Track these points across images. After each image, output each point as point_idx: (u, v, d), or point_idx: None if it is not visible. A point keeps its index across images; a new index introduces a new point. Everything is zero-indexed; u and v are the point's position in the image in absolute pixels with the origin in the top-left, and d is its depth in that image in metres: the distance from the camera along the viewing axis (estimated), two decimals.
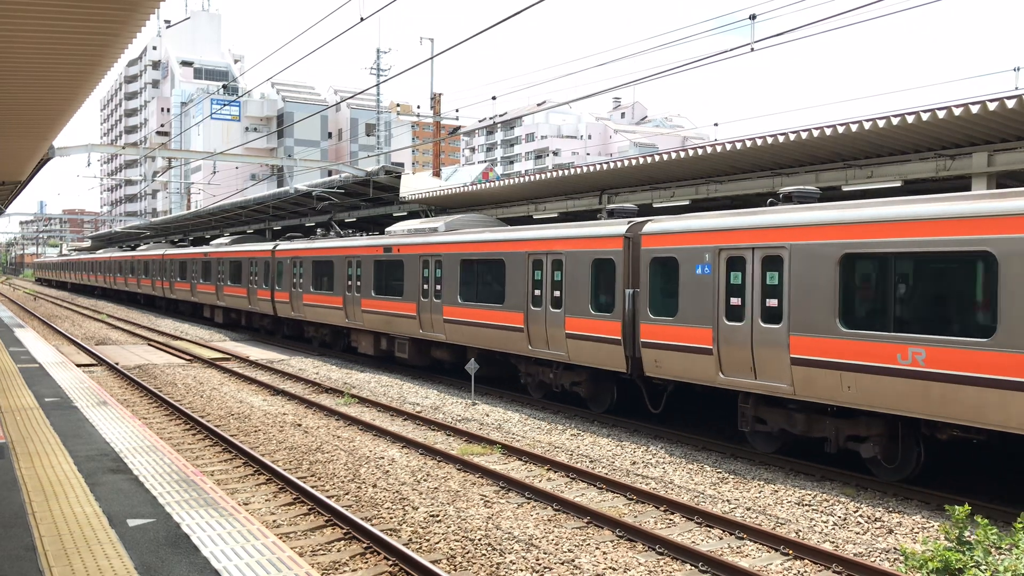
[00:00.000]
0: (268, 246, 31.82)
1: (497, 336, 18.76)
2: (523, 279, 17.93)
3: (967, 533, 8.41)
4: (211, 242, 42.05)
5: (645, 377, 15.22)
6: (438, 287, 21.03)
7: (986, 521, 8.40)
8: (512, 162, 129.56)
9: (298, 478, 12.18)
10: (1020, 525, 8.36)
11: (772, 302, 12.82)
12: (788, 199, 13.70)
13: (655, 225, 15.09)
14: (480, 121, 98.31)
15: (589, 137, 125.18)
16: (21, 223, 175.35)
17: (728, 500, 11.45)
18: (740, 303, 13.29)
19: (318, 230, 32.50)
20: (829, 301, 11.93)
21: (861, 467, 12.70)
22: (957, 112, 12.82)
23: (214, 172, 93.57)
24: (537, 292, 17.60)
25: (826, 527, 10.31)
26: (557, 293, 17.03)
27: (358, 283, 24.87)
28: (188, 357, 27.03)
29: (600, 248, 16.06)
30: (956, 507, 8.30)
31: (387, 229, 24.47)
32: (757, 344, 12.95)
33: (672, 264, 14.50)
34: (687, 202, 19.56)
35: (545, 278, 17.38)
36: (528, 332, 17.75)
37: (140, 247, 59.45)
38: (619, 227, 15.81)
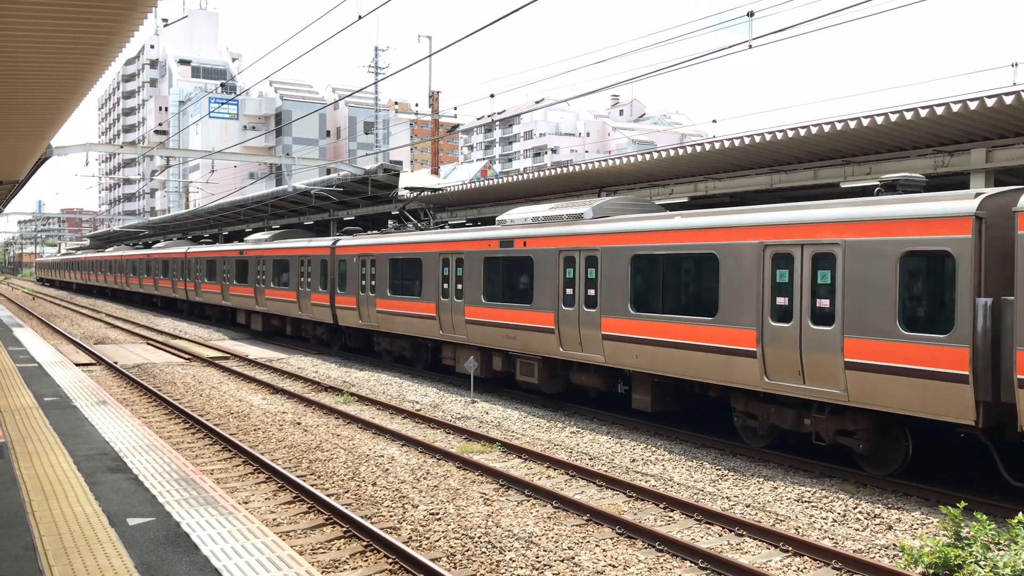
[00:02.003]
0: (326, 242, 27.55)
1: (701, 361, 13.77)
2: (753, 281, 12.94)
3: (964, 530, 8.44)
4: (247, 237, 37.03)
5: (1018, 433, 10.27)
6: (591, 292, 16.09)
7: (985, 517, 8.42)
8: (510, 160, 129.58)
9: (298, 476, 12.19)
10: (1016, 522, 8.39)
11: None
12: None
13: None
14: (478, 119, 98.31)
15: (587, 134, 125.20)
16: (19, 222, 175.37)
17: (728, 497, 11.46)
18: None
19: (389, 222, 27.97)
20: None
21: (856, 463, 12.70)
22: (956, 109, 12.84)
23: (212, 171, 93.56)
24: (781, 300, 12.54)
25: (825, 524, 10.32)
26: (824, 302, 11.96)
27: (459, 286, 20.10)
28: (187, 356, 27.03)
29: (920, 235, 10.89)
30: (951, 507, 8.33)
31: (498, 218, 20.14)
32: None
33: None
34: (686, 199, 19.59)
35: (798, 279, 12.30)
36: (763, 358, 12.71)
37: (157, 244, 53.94)
38: (961, 202, 10.60)
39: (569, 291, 16.66)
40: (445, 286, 20.67)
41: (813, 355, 12.04)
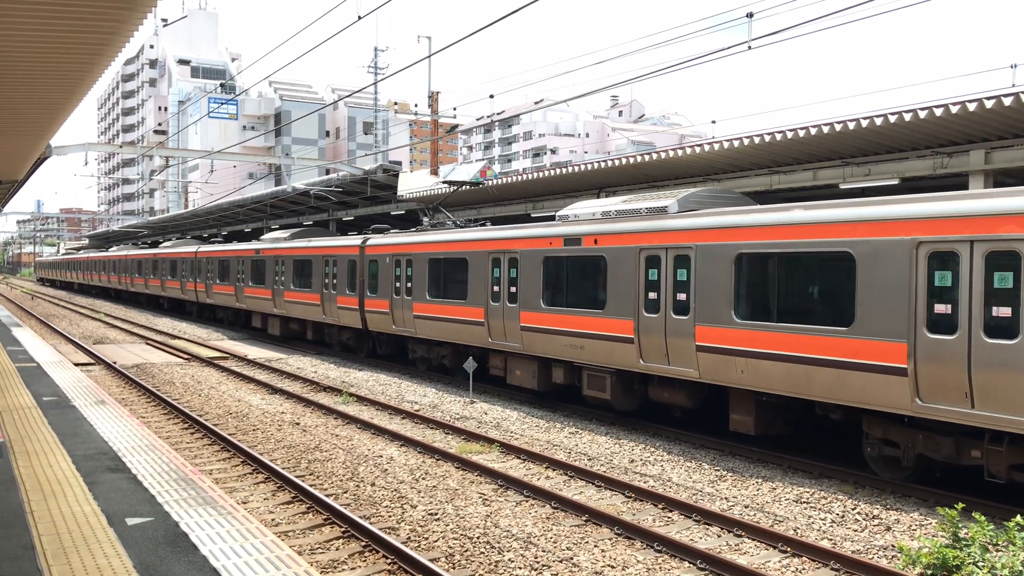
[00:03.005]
0: (354, 240, 25.70)
1: (829, 378, 11.75)
2: (902, 285, 10.91)
3: (962, 531, 8.46)
4: (263, 236, 35.37)
5: None
6: (681, 296, 14.15)
7: (983, 518, 8.43)
8: (510, 160, 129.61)
9: (296, 476, 12.19)
10: (1013, 523, 8.41)
11: None
12: None
13: None
14: (478, 119, 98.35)
15: (587, 135, 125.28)
16: (18, 222, 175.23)
17: (726, 498, 11.47)
18: None
19: (424, 219, 26.31)
20: None
21: (859, 464, 12.71)
22: (954, 110, 12.85)
23: (211, 171, 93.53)
24: (941, 307, 10.53)
25: (824, 524, 10.33)
26: (1003, 310, 9.93)
27: (512, 289, 18.21)
28: (186, 356, 27.02)
29: None
30: (949, 508, 8.34)
31: (558, 214, 17.85)
32: None
33: None
34: None
35: (965, 282, 10.28)
36: (916, 375, 10.72)
37: (165, 243, 51.87)
38: None
39: (652, 295, 14.71)
40: (496, 289, 18.76)
41: (987, 374, 9.99)
